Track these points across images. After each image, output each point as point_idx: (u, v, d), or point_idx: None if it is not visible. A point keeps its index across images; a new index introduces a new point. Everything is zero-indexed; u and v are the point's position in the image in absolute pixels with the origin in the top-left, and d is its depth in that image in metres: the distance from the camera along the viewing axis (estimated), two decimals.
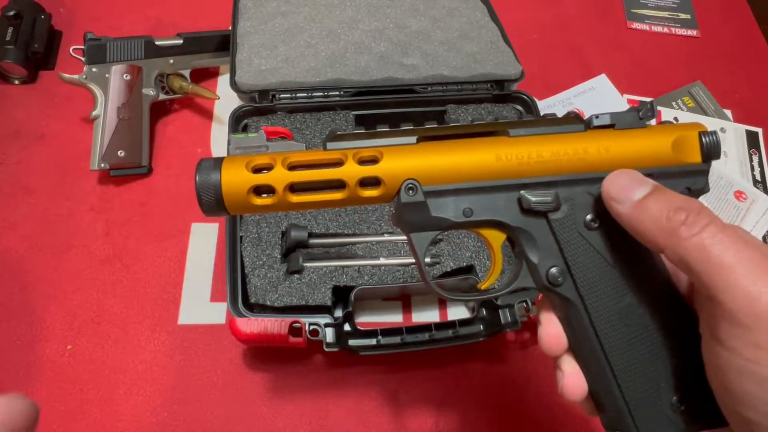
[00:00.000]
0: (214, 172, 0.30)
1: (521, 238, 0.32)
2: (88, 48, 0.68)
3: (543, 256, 0.32)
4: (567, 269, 0.31)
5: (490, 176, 0.31)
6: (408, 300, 0.61)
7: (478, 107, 0.67)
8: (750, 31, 0.92)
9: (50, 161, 0.69)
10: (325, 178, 0.30)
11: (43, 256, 0.62)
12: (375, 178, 0.30)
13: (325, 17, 0.71)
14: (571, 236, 0.31)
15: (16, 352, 0.56)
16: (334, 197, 0.31)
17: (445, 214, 0.31)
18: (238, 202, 0.30)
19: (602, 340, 0.31)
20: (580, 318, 0.31)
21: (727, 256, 0.25)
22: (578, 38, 0.88)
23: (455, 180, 0.31)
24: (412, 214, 0.31)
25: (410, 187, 0.30)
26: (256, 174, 0.30)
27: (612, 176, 0.30)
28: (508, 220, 0.31)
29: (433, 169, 0.31)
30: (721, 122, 0.80)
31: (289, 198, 0.30)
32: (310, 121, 0.64)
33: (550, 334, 0.33)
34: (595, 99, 0.81)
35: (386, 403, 0.56)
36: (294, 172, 0.30)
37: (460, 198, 0.31)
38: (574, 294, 0.31)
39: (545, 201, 0.31)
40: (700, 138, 0.32)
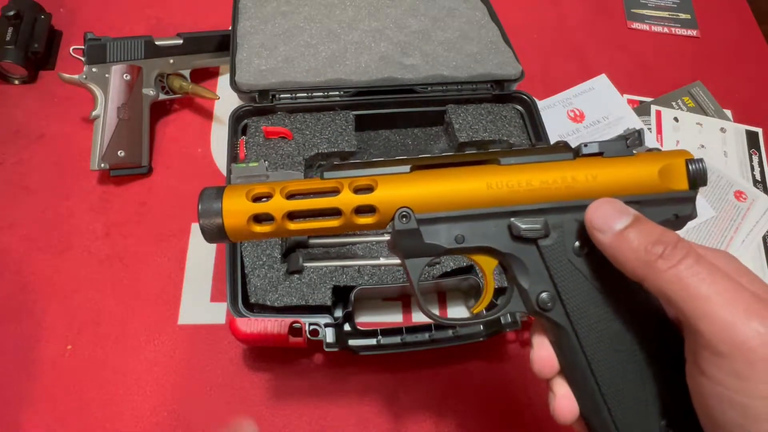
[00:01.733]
0: (215, 201, 0.31)
1: (512, 263, 0.33)
2: (88, 48, 0.68)
3: (533, 281, 0.32)
4: (557, 294, 0.32)
5: (481, 204, 0.32)
6: (408, 300, 0.61)
7: (478, 107, 0.67)
8: (750, 31, 0.92)
9: (50, 161, 0.69)
10: (322, 206, 0.31)
11: (43, 256, 0.62)
12: (370, 206, 0.32)
13: (325, 17, 0.71)
14: (560, 262, 0.32)
15: (16, 352, 0.56)
16: (331, 224, 0.32)
17: (438, 241, 0.32)
18: (238, 229, 0.31)
19: (592, 364, 0.31)
20: (570, 342, 0.32)
21: (703, 287, 0.25)
22: (578, 38, 0.88)
23: (447, 208, 0.32)
24: (406, 241, 0.32)
25: (404, 215, 0.31)
26: (255, 203, 0.31)
27: (595, 205, 0.30)
28: (499, 247, 0.32)
29: (425, 197, 0.32)
30: (721, 122, 0.80)
31: (288, 225, 0.31)
32: (310, 121, 0.64)
33: (541, 357, 0.34)
34: (595, 99, 0.81)
35: (386, 403, 0.56)
36: (292, 201, 0.31)
37: (452, 225, 0.32)
38: (564, 319, 0.32)
39: (535, 228, 0.32)
40: (686, 166, 0.32)
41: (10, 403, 0.54)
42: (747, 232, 0.69)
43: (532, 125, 0.67)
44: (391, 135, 0.70)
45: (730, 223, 0.70)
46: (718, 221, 0.70)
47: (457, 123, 0.66)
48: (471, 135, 0.65)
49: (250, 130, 0.63)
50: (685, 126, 0.79)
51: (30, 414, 0.53)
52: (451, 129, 0.66)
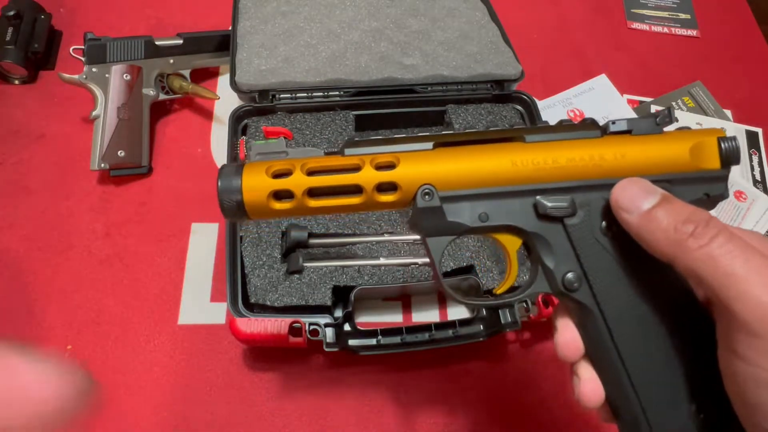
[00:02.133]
0: (235, 178, 0.31)
1: (537, 243, 0.32)
2: (88, 48, 0.68)
3: (559, 261, 0.31)
4: (583, 275, 0.31)
5: (506, 182, 0.31)
6: (408, 300, 0.61)
7: (478, 107, 0.67)
8: (750, 31, 0.92)
9: (50, 161, 0.69)
10: (342, 183, 0.31)
11: (43, 256, 0.62)
12: (392, 183, 0.31)
13: (325, 17, 0.71)
14: (587, 242, 0.31)
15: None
16: (352, 202, 0.31)
17: (461, 219, 0.31)
18: (258, 206, 0.31)
19: (619, 347, 0.31)
20: (596, 324, 0.31)
21: (736, 265, 0.24)
22: (578, 38, 0.88)
23: (471, 185, 0.31)
24: (428, 219, 0.31)
25: (426, 192, 0.31)
26: (275, 179, 0.31)
27: (621, 185, 0.30)
28: (524, 226, 0.32)
29: (449, 174, 0.31)
30: (721, 122, 0.80)
31: (308, 203, 0.31)
32: (310, 121, 0.64)
33: (566, 340, 0.33)
34: (595, 99, 0.81)
35: (386, 403, 0.56)
36: (312, 177, 0.31)
37: (475, 203, 0.31)
38: (591, 300, 0.31)
39: (561, 206, 0.31)
40: (719, 143, 0.31)
41: None
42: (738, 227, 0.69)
43: (532, 125, 0.67)
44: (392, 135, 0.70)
45: (729, 223, 0.70)
46: None
47: (457, 123, 0.66)
48: None
49: (250, 130, 0.64)
50: (685, 126, 0.79)
51: None
52: (451, 129, 0.66)
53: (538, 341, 0.60)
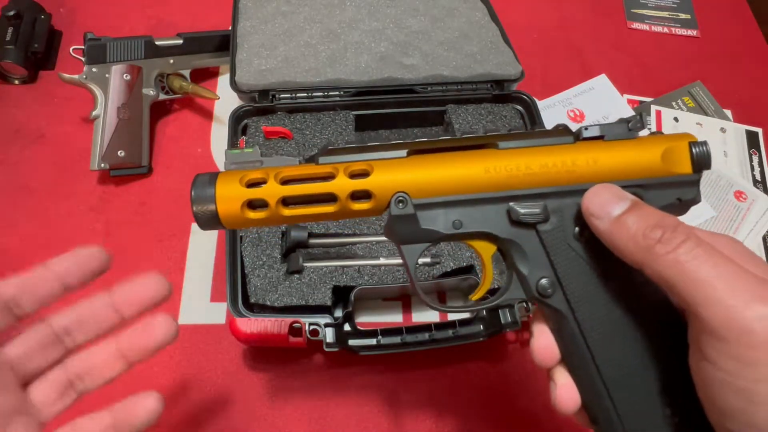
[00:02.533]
0: (209, 187, 0.31)
1: (511, 249, 0.32)
2: (88, 48, 0.68)
3: (533, 267, 0.32)
4: (557, 280, 0.31)
5: (479, 188, 0.31)
6: (408, 300, 0.61)
7: (478, 107, 0.67)
8: (750, 31, 0.92)
9: (50, 161, 0.69)
10: (316, 191, 0.31)
11: (43, 256, 0.62)
12: (365, 191, 0.31)
13: (325, 17, 0.71)
14: (560, 247, 0.31)
15: None
16: (326, 210, 0.31)
17: (435, 227, 0.32)
18: (232, 216, 0.31)
19: (593, 352, 0.31)
20: (570, 329, 0.31)
21: (703, 271, 0.25)
22: (578, 38, 0.88)
23: (445, 192, 0.31)
24: (403, 227, 0.32)
25: (400, 200, 0.31)
26: (249, 188, 0.31)
27: (592, 191, 0.30)
28: (498, 232, 0.32)
29: (422, 182, 0.31)
30: (721, 122, 0.80)
31: (282, 211, 0.31)
32: (310, 121, 0.64)
33: (542, 345, 0.33)
34: (595, 99, 0.81)
35: (386, 403, 0.56)
36: (286, 186, 0.31)
37: (449, 210, 0.32)
38: (564, 305, 0.31)
39: (534, 213, 0.31)
40: (690, 148, 0.32)
41: None
42: (747, 232, 0.69)
43: (532, 125, 0.67)
44: (391, 135, 0.70)
45: (729, 223, 0.70)
46: (718, 221, 0.70)
47: (457, 123, 0.66)
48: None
49: (250, 130, 0.64)
50: (685, 126, 0.79)
51: None
52: (451, 129, 0.66)
53: None
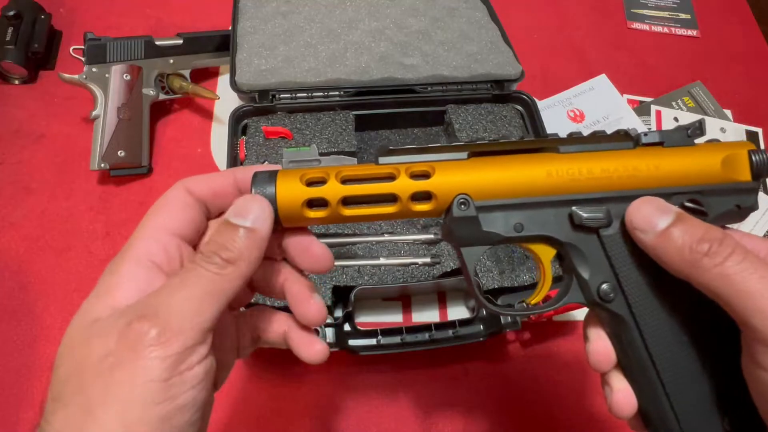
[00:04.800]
0: (269, 185, 0.30)
1: (572, 253, 0.32)
2: (88, 48, 0.68)
3: (594, 272, 0.31)
4: (618, 285, 0.31)
5: (541, 192, 0.31)
6: (408, 300, 0.61)
7: (478, 107, 0.67)
8: (750, 31, 0.92)
9: (50, 161, 0.69)
10: (378, 192, 0.30)
11: (43, 256, 0.62)
12: (427, 192, 0.30)
13: (325, 17, 0.71)
14: (621, 252, 0.31)
15: (16, 352, 0.56)
16: (386, 211, 0.31)
17: (496, 229, 0.31)
18: (292, 214, 0.30)
19: (654, 357, 0.31)
20: (630, 334, 0.31)
21: (750, 283, 0.25)
22: (578, 38, 0.88)
23: (506, 195, 0.31)
24: (463, 229, 0.31)
25: (462, 202, 0.30)
26: (310, 187, 0.30)
27: (635, 204, 0.30)
28: (559, 236, 0.31)
29: (484, 184, 0.31)
30: (721, 122, 0.80)
31: (342, 211, 0.30)
32: (310, 121, 0.64)
33: (598, 350, 0.32)
34: (595, 99, 0.81)
35: (386, 403, 0.56)
36: (347, 186, 0.30)
37: (510, 213, 0.31)
38: (626, 310, 0.31)
39: (597, 217, 0.31)
40: (749, 156, 0.32)
41: (10, 403, 0.54)
42: (747, 232, 0.69)
43: (532, 125, 0.67)
44: (391, 135, 0.70)
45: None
46: None
47: (457, 123, 0.66)
48: (471, 135, 0.65)
49: (250, 130, 0.63)
50: None
51: (30, 414, 0.53)
52: (451, 129, 0.66)
53: (538, 341, 0.60)
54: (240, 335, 0.34)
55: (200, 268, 0.27)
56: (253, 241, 0.28)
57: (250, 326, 0.34)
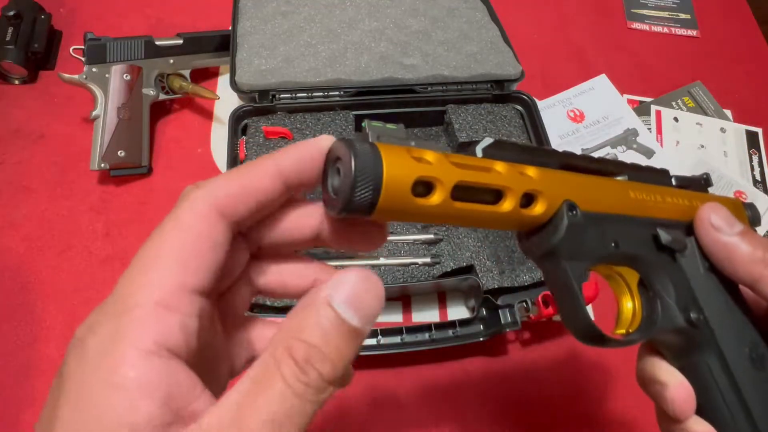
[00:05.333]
0: (375, 156, 0.21)
1: (656, 276, 0.31)
2: (88, 48, 0.68)
3: (678, 295, 0.31)
4: (701, 310, 0.31)
5: (631, 210, 0.30)
6: (408, 300, 0.61)
7: (478, 107, 0.67)
8: (750, 31, 0.92)
9: (50, 161, 0.69)
10: (492, 183, 0.24)
11: (43, 256, 0.62)
12: (535, 193, 0.26)
13: (325, 17, 0.71)
14: (700, 277, 0.31)
15: (16, 352, 0.56)
16: (498, 210, 0.25)
17: (596, 243, 0.28)
18: (396, 198, 0.21)
19: (743, 391, 0.29)
20: (715, 367, 0.30)
21: None
22: (578, 38, 0.88)
23: (605, 208, 0.29)
24: (568, 240, 0.27)
25: (571, 207, 0.27)
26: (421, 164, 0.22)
27: (711, 207, 0.31)
28: (648, 256, 0.31)
29: (587, 192, 0.28)
30: (721, 122, 0.80)
31: (453, 204, 0.23)
32: (310, 121, 0.64)
33: (681, 395, 0.30)
34: (595, 99, 0.81)
35: (386, 403, 0.56)
36: (461, 170, 0.23)
37: (608, 227, 0.29)
38: (707, 333, 0.30)
39: (679, 239, 0.31)
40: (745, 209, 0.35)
41: (10, 403, 0.54)
42: None
43: (532, 125, 0.67)
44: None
45: None
46: None
47: (457, 123, 0.66)
48: (471, 135, 0.65)
49: (250, 130, 0.63)
50: (685, 126, 0.79)
51: (30, 414, 0.53)
52: (451, 129, 0.66)
53: (538, 341, 0.60)
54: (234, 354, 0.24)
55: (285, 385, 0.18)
56: (353, 353, 0.19)
57: (244, 342, 0.24)
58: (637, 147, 0.76)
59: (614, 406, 0.57)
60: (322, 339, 0.18)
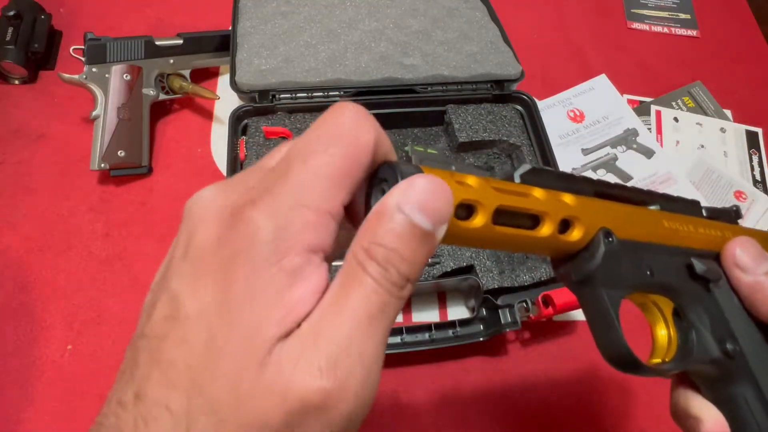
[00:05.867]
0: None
1: (690, 306, 0.31)
2: (88, 48, 0.68)
3: (713, 327, 0.31)
4: (736, 341, 0.31)
5: (666, 239, 0.30)
6: (408, 300, 0.61)
7: (478, 107, 0.67)
8: (750, 31, 0.92)
9: (50, 161, 0.69)
10: (532, 208, 0.25)
11: (43, 256, 0.62)
12: (573, 219, 0.26)
13: (325, 17, 0.71)
14: (733, 306, 0.31)
15: (16, 352, 0.56)
16: (537, 235, 0.25)
17: (631, 271, 0.28)
18: None
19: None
20: (751, 398, 0.30)
21: None
22: (578, 38, 0.88)
23: (640, 237, 0.29)
24: (605, 267, 0.27)
25: (607, 234, 0.27)
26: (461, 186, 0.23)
27: (739, 243, 0.30)
28: (682, 286, 0.30)
29: (623, 220, 0.28)
30: (721, 122, 0.80)
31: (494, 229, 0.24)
32: (310, 121, 0.64)
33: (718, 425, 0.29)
34: (595, 99, 0.81)
35: (386, 403, 0.56)
36: (503, 195, 0.24)
37: (643, 256, 0.29)
38: (746, 369, 0.30)
39: (713, 269, 0.31)
40: None
41: (10, 403, 0.54)
42: None
43: (532, 125, 0.67)
44: (391, 135, 0.70)
45: None
46: None
47: (457, 123, 0.66)
48: (471, 135, 0.65)
49: (250, 130, 0.64)
50: (685, 126, 0.79)
51: (30, 414, 0.53)
52: (451, 129, 0.66)
53: (538, 341, 0.60)
54: None
55: (369, 285, 0.19)
56: (427, 255, 0.20)
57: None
58: (637, 147, 0.76)
59: (614, 406, 0.57)
60: (398, 242, 0.19)
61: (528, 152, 0.65)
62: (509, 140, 0.65)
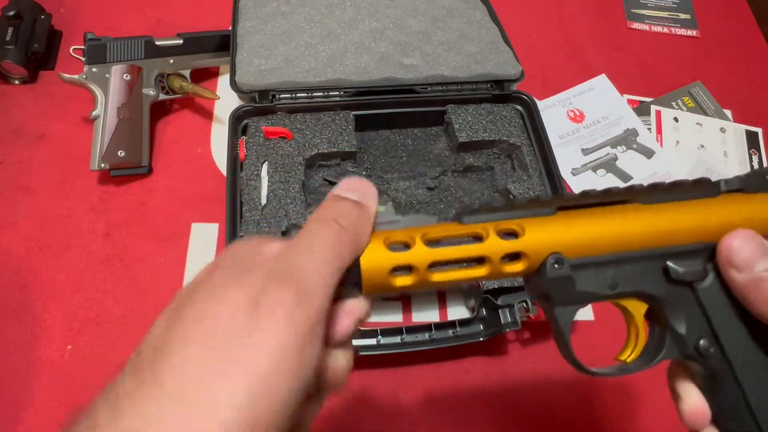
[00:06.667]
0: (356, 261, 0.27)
1: (666, 308, 0.30)
2: (88, 48, 0.68)
3: (690, 326, 0.30)
4: (715, 339, 0.30)
5: (634, 246, 0.29)
6: (408, 300, 0.61)
7: (478, 107, 0.68)
8: (750, 31, 0.92)
9: (50, 161, 0.69)
10: (468, 255, 0.28)
11: (43, 256, 0.62)
12: (518, 252, 0.28)
13: (325, 17, 0.71)
14: (719, 304, 0.30)
15: (16, 352, 0.56)
16: (476, 273, 0.28)
17: (590, 288, 0.29)
18: (377, 282, 0.27)
19: (754, 411, 0.29)
20: (729, 389, 0.30)
21: None
22: (578, 38, 0.88)
23: (600, 251, 0.29)
24: (557, 289, 0.29)
25: (556, 261, 0.28)
26: (395, 253, 0.27)
27: (735, 241, 0.28)
28: (654, 291, 0.30)
29: (577, 240, 0.29)
30: (721, 122, 0.80)
31: (430, 277, 0.28)
32: (310, 121, 0.64)
33: (695, 409, 0.31)
34: (595, 99, 0.81)
35: (386, 403, 0.56)
36: (435, 250, 0.27)
37: (604, 270, 0.29)
38: (724, 364, 0.30)
39: (694, 270, 0.29)
40: None
41: (10, 403, 0.54)
42: None
43: (532, 125, 0.67)
44: (391, 135, 0.70)
45: None
46: None
47: (457, 123, 0.66)
48: (471, 135, 0.65)
49: (250, 130, 0.64)
50: (684, 126, 0.79)
51: (30, 414, 0.53)
52: (451, 129, 0.66)
53: (538, 341, 0.60)
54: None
55: (324, 232, 0.25)
56: (364, 218, 0.26)
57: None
58: (637, 147, 0.76)
59: (614, 406, 0.57)
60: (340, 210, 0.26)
61: (528, 152, 0.65)
62: (509, 140, 0.65)
